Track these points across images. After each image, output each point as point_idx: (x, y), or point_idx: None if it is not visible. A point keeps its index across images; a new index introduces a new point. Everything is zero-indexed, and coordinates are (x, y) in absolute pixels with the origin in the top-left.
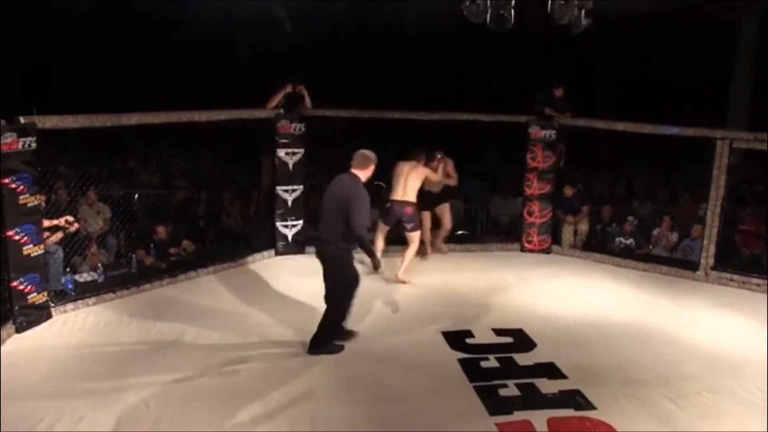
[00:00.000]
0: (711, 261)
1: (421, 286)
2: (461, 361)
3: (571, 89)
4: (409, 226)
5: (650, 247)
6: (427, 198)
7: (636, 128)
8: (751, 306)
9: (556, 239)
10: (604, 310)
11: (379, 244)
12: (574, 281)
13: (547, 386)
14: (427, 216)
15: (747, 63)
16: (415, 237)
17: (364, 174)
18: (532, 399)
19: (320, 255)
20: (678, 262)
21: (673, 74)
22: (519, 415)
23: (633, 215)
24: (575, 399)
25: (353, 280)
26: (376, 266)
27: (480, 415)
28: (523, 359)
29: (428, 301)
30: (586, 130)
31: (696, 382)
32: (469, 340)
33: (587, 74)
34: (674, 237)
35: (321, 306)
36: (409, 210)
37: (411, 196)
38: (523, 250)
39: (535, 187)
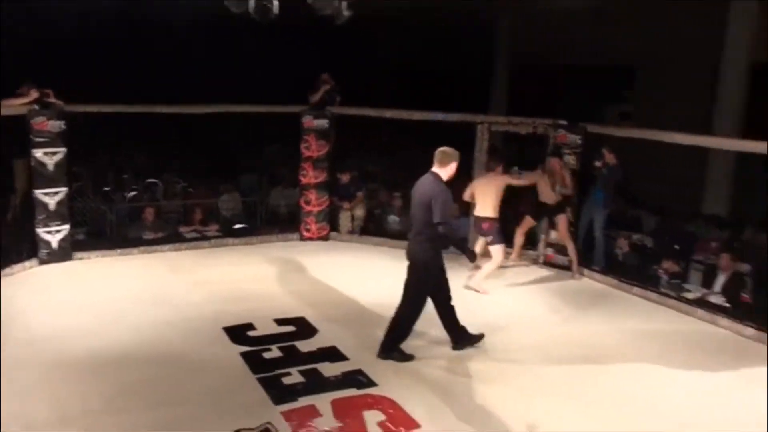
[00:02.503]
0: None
1: (201, 284)
2: (244, 354)
3: (349, 78)
4: (488, 239)
5: None
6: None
7: (406, 115)
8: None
9: (335, 226)
10: (381, 291)
11: (477, 248)
12: (352, 265)
13: (329, 369)
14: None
15: (504, 54)
16: (495, 250)
17: (445, 172)
18: (315, 384)
19: (408, 256)
20: None
21: (444, 65)
22: (303, 401)
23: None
24: (357, 378)
25: (435, 288)
26: (471, 259)
27: (265, 405)
28: (305, 346)
29: (209, 298)
30: (364, 118)
31: (468, 350)
32: (251, 333)
33: (367, 63)
34: None
35: (95, 313)
36: (485, 225)
37: (488, 210)
38: (302, 239)
39: (311, 176)
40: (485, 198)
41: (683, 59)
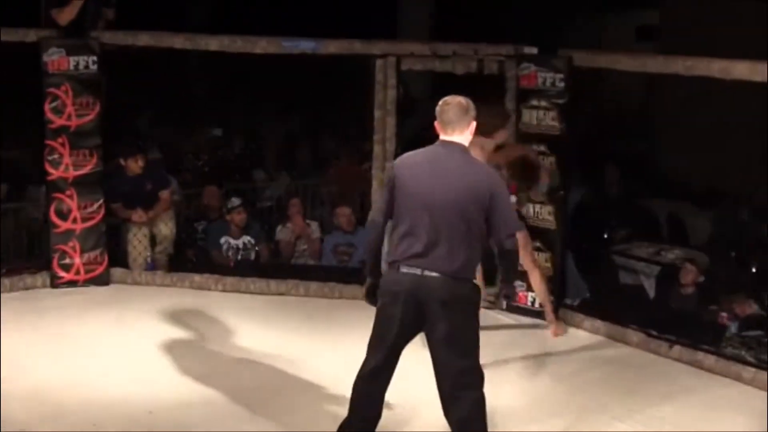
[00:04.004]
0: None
1: None
2: None
3: None
4: None
5: None
6: None
7: (241, 47)
8: None
9: (118, 256)
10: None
11: None
12: (165, 348)
13: None
14: None
15: None
16: None
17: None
18: None
19: (431, 295)
20: None
21: None
22: None
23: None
24: None
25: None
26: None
27: None
28: None
29: None
30: (165, 53)
31: None
32: None
33: None
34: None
35: None
36: None
37: None
38: (55, 284)
39: (67, 163)
40: None
41: None
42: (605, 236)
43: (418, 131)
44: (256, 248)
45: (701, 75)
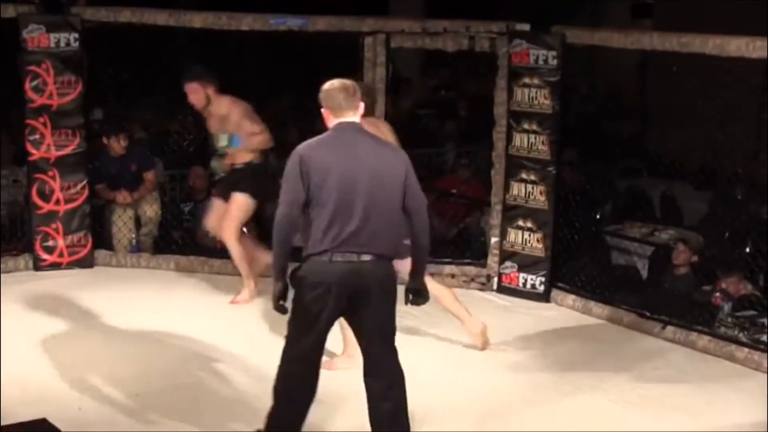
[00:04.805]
0: None
1: None
2: None
3: None
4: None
5: None
6: None
7: (226, 24)
8: None
9: (103, 239)
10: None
11: None
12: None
13: None
14: None
15: None
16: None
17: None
18: None
19: (357, 281)
20: None
21: None
22: None
23: None
24: None
25: None
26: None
27: None
28: None
29: None
30: (147, 30)
31: None
32: None
33: None
34: None
35: None
36: None
37: None
38: (38, 267)
39: (49, 143)
40: None
41: None
42: (597, 216)
43: (408, 110)
44: (244, 230)
45: (696, 52)
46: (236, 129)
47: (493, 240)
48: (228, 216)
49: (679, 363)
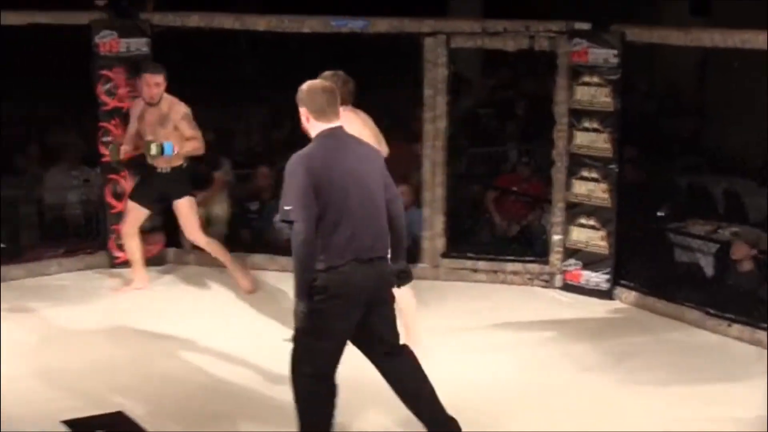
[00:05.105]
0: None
1: None
2: None
3: None
4: None
5: None
6: None
7: (288, 26)
8: None
9: (174, 237)
10: None
11: None
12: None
13: None
14: None
15: None
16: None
17: None
18: None
19: (371, 285)
20: None
21: None
22: None
23: None
24: None
25: None
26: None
27: None
28: None
29: None
30: (216, 33)
31: None
32: None
33: None
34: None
35: None
36: None
37: None
38: (113, 264)
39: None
40: None
41: None
42: (659, 213)
43: (469, 109)
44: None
45: (756, 48)
46: (173, 131)
47: (556, 237)
48: (186, 223)
49: (745, 361)
